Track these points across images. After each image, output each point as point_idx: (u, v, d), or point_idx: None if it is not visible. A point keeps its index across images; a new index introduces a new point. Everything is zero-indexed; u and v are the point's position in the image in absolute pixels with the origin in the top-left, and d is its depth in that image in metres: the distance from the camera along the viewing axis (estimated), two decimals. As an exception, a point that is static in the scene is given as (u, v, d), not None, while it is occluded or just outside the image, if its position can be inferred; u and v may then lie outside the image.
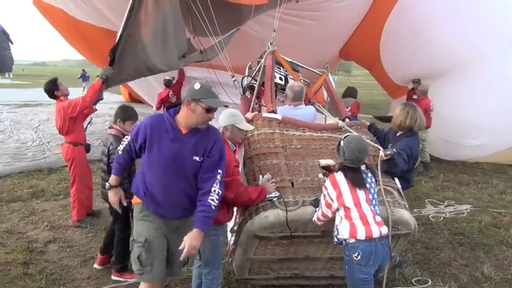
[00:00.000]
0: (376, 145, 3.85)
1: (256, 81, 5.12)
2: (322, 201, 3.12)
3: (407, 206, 3.55)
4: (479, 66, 8.71)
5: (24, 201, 6.29)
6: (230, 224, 3.67)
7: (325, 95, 7.97)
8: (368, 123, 4.49)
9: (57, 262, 4.46)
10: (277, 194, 3.33)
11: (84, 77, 27.32)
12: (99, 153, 8.65)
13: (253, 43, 7.94)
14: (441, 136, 9.10)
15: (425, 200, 6.70)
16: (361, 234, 2.94)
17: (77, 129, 5.44)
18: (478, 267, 4.57)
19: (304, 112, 4.48)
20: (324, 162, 3.61)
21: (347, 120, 4.57)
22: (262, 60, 5.14)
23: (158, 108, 9.87)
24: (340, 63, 12.02)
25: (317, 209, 3.18)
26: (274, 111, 4.38)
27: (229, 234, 3.72)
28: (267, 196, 3.33)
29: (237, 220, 3.53)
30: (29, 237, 5.05)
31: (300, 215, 3.25)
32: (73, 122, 5.35)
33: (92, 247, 4.83)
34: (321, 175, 3.57)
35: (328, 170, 3.50)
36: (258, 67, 5.30)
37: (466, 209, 6.33)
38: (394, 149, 3.68)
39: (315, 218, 3.19)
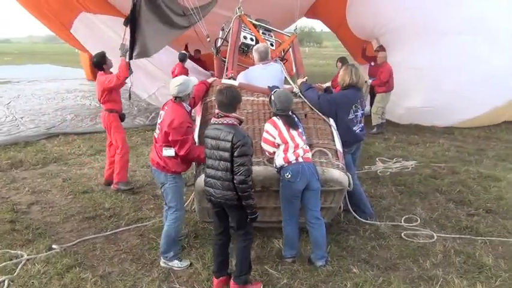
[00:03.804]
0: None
1: (228, 42, 5.44)
2: (265, 145, 3.97)
3: (340, 166, 4.19)
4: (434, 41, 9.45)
5: (4, 171, 6.70)
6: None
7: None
8: (324, 86, 5.01)
9: (41, 220, 4.98)
10: None
11: None
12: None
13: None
14: (417, 105, 9.75)
15: (376, 158, 7.42)
16: (291, 158, 3.84)
17: (113, 100, 5.92)
18: (412, 210, 5.30)
19: (273, 68, 4.99)
20: None
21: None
22: (231, 24, 5.42)
23: None
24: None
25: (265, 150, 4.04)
26: (233, 78, 4.88)
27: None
28: None
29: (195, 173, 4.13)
30: (12, 200, 5.52)
31: None
32: (109, 93, 5.84)
33: (72, 207, 5.35)
34: None
35: None
36: (228, 30, 5.60)
37: (411, 164, 7.08)
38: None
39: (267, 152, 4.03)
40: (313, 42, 73.33)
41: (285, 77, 5.07)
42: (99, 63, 5.89)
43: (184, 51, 10.20)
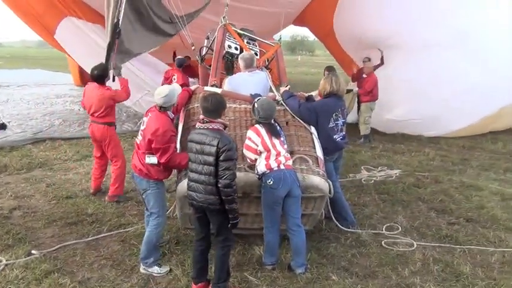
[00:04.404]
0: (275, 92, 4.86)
1: (213, 51, 5.55)
2: (247, 152, 4.01)
3: (321, 173, 4.23)
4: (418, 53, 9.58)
5: (-13, 176, 6.65)
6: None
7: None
8: (306, 95, 5.07)
9: (22, 225, 4.95)
10: None
11: None
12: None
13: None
14: (405, 117, 9.84)
15: (362, 167, 7.47)
16: (274, 165, 3.89)
17: (112, 113, 5.84)
18: (394, 219, 5.35)
19: (259, 76, 5.04)
20: None
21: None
22: (215, 33, 5.52)
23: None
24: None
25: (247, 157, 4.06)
26: (216, 85, 4.95)
27: None
28: None
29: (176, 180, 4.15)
30: (-6, 206, 5.48)
31: None
32: (111, 107, 5.76)
33: (55, 212, 5.32)
34: None
35: None
36: (213, 38, 5.68)
37: (395, 173, 7.15)
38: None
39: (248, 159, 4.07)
40: (306, 50, 73.61)
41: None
42: (102, 76, 5.69)
43: (182, 57, 9.90)
